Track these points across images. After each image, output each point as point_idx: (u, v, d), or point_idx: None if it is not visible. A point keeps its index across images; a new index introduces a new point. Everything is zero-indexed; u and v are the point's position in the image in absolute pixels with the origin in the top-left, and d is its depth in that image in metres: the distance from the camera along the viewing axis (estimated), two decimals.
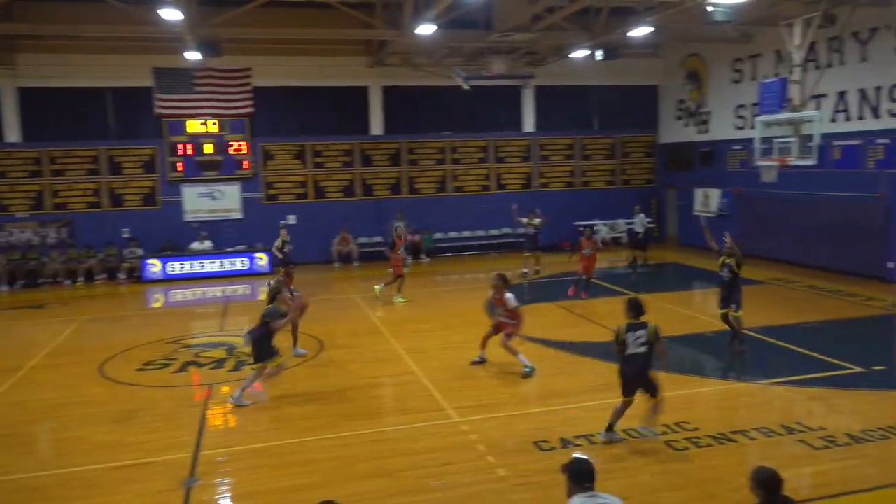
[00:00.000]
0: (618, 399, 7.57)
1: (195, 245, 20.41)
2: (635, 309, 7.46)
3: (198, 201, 21.06)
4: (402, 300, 15.86)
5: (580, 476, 4.21)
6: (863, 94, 16.53)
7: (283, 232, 18.14)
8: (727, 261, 10.78)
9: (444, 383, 9.82)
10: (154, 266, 19.71)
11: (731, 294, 10.80)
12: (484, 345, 10.66)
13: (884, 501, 6.24)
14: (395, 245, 16.15)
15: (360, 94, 22.22)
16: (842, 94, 17.03)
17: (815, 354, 10.61)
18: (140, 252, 20.08)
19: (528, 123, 23.73)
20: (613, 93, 24.09)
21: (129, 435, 8.34)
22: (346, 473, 7.05)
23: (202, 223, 20.95)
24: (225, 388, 10.11)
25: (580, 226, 23.19)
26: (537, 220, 18.44)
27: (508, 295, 10.18)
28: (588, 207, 23.63)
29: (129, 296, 18.44)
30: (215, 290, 18.64)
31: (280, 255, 17.31)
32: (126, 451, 7.85)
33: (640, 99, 24.55)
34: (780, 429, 7.80)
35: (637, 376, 7.37)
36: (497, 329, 10.45)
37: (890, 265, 16.01)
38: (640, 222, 20.49)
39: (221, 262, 20.17)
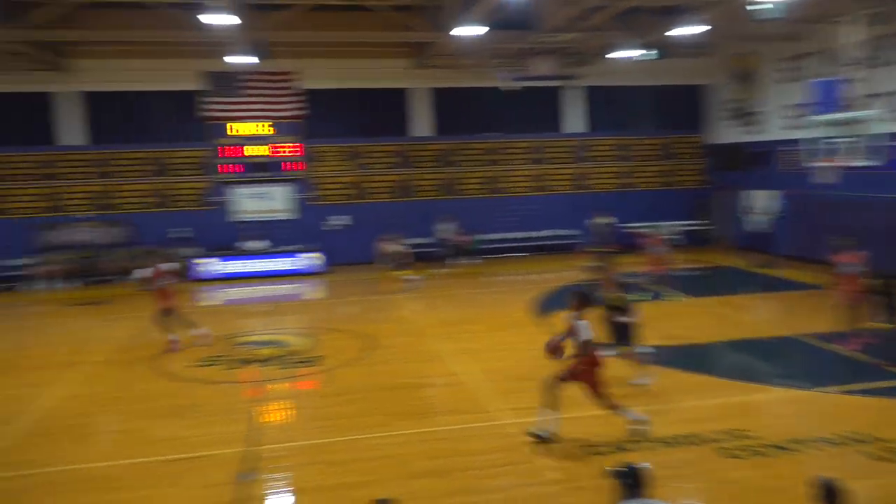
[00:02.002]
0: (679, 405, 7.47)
1: (245, 245, 20.83)
2: None
3: (248, 202, 21.48)
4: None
5: (635, 483, 4.17)
6: None
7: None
8: None
9: (493, 385, 9.80)
10: (206, 265, 20.18)
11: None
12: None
13: None
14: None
15: (407, 95, 22.42)
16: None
17: (879, 363, 10.26)
18: (193, 251, 20.58)
19: (575, 124, 23.56)
20: (661, 93, 23.77)
21: (185, 429, 8.54)
22: (399, 472, 7.09)
23: (252, 223, 21.37)
24: (276, 386, 10.31)
25: (628, 228, 22.95)
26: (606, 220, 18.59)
27: (580, 323, 7.61)
28: (636, 210, 23.31)
29: (182, 293, 18.86)
30: (265, 290, 19.00)
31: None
32: (182, 444, 8.04)
33: (688, 99, 24.16)
34: (839, 438, 7.57)
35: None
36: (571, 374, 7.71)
37: None
38: None
39: (272, 261, 20.57)
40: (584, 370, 7.56)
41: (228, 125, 21.02)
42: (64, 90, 20.21)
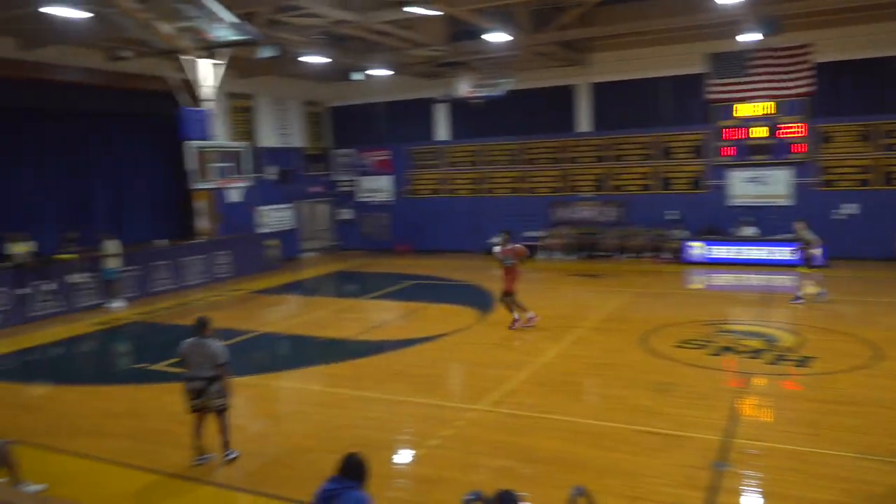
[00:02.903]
0: None
1: (737, 230, 20.16)
2: None
3: (744, 186, 20.66)
4: None
5: None
6: None
7: None
8: None
9: None
10: (696, 248, 20.29)
11: None
12: None
13: None
14: None
15: None
16: None
17: None
18: (683, 234, 20.91)
19: None
20: None
21: (664, 405, 8.87)
22: None
23: (746, 209, 20.53)
24: (759, 381, 9.86)
25: None
26: None
27: None
28: None
29: (670, 275, 19.39)
30: (757, 279, 18.14)
31: None
32: (659, 419, 8.38)
33: None
34: None
35: None
36: None
37: None
38: None
39: (765, 249, 19.49)
40: None
41: (734, 106, 20.43)
42: (580, 83, 22.53)
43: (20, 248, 15.58)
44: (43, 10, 12.16)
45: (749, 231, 20.04)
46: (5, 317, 15.05)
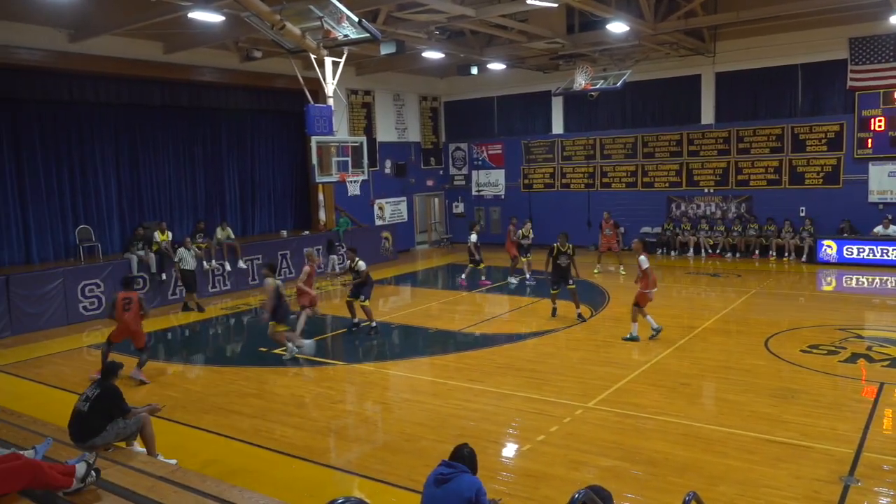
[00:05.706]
0: None
1: (878, 229, 18.58)
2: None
3: (886, 181, 19.03)
4: None
5: None
6: None
7: None
8: None
9: None
10: (829, 248, 18.91)
11: None
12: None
13: None
14: None
15: None
16: None
17: None
18: (813, 232, 19.55)
19: None
20: None
21: (787, 413, 8.37)
22: None
23: (888, 205, 18.91)
24: None
25: None
26: None
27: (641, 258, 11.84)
28: None
29: (799, 275, 18.23)
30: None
31: None
32: (781, 428, 7.92)
33: None
34: None
35: (561, 277, 13.51)
36: None
37: None
38: None
39: None
40: None
41: (873, 95, 18.84)
42: (703, 72, 21.45)
43: (161, 238, 16.89)
44: (190, 15, 13.11)
45: (889, 230, 18.42)
46: (147, 299, 16.35)
